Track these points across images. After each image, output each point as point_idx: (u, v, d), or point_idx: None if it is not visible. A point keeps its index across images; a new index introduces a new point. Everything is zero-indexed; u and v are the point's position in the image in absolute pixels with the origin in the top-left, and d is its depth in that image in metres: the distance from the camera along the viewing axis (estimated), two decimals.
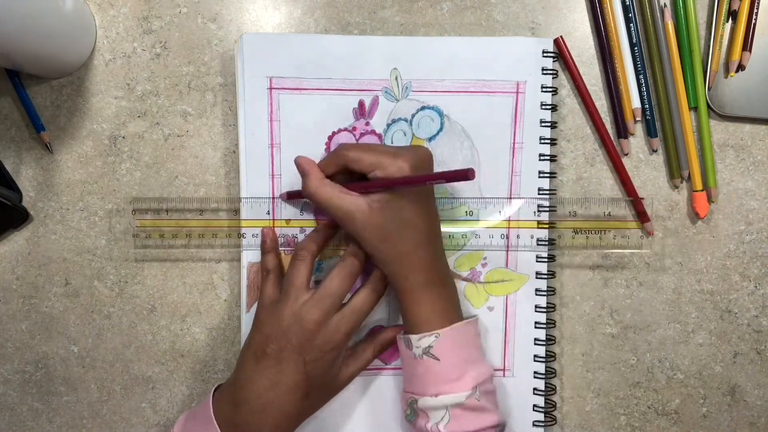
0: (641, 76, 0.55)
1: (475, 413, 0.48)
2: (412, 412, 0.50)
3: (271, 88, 0.54)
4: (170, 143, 0.56)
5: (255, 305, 0.55)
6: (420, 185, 0.48)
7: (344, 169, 0.49)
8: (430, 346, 0.48)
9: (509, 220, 0.55)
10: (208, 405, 0.49)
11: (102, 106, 0.56)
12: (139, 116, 0.56)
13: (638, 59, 0.55)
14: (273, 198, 0.55)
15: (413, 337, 0.49)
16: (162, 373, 0.58)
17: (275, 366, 0.48)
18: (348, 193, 0.48)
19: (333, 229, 0.53)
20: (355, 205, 0.47)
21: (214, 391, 0.51)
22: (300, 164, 0.50)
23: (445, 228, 0.54)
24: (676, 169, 0.56)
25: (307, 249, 0.51)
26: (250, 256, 0.55)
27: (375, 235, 0.48)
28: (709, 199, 0.56)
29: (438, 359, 0.48)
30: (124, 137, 0.56)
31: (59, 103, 0.56)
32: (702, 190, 0.56)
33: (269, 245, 0.54)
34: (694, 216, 0.57)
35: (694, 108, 0.56)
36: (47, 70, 0.55)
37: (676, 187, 0.57)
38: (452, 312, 0.50)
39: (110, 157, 0.56)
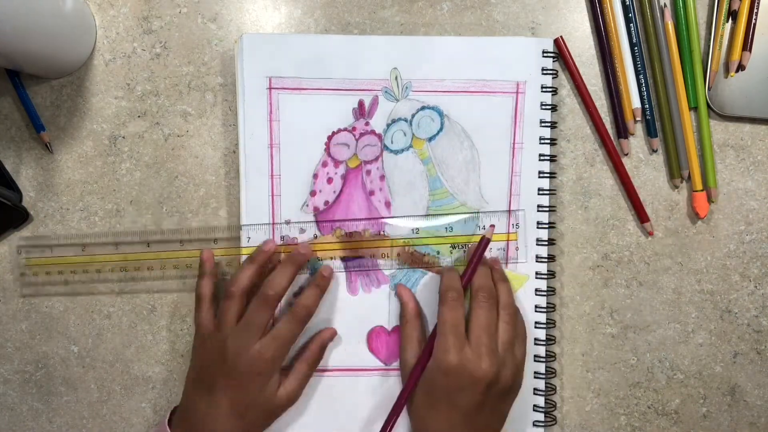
0: (641, 76, 0.55)
1: None
2: None
3: (270, 88, 0.54)
4: (170, 143, 0.56)
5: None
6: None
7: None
8: None
9: (508, 233, 0.55)
10: (164, 428, 0.52)
11: (102, 106, 0.56)
12: (139, 116, 0.56)
13: (638, 59, 0.55)
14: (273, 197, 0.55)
15: None
16: (162, 373, 0.58)
17: (208, 393, 0.51)
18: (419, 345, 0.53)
19: (266, 256, 0.53)
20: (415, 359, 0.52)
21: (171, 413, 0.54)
22: (401, 294, 0.55)
23: (447, 219, 0.55)
24: (676, 169, 0.56)
25: (237, 285, 0.51)
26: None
27: (431, 395, 0.51)
28: (709, 199, 0.56)
29: None
30: (124, 137, 0.56)
31: (59, 103, 0.56)
32: (702, 190, 0.56)
33: (205, 268, 0.54)
34: (694, 216, 0.57)
35: (694, 108, 0.56)
36: (47, 70, 0.55)
37: (676, 187, 0.57)
38: None
39: (110, 157, 0.57)
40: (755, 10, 0.55)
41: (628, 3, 0.55)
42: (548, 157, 0.55)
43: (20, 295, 0.57)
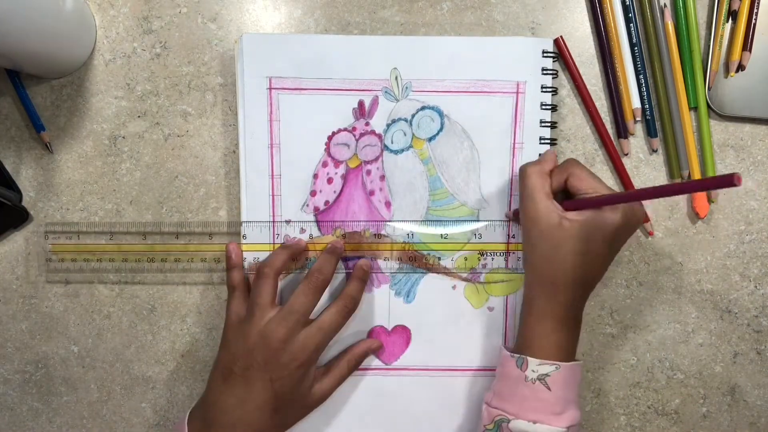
0: (641, 76, 0.55)
1: None
2: (496, 428, 0.49)
3: (270, 88, 0.54)
4: (170, 143, 0.56)
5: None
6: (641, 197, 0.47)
7: (564, 183, 0.50)
8: (547, 374, 0.48)
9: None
10: (183, 426, 0.50)
11: (102, 106, 0.56)
12: (139, 116, 0.56)
13: (638, 59, 0.55)
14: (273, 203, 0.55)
15: (533, 361, 0.48)
16: (162, 373, 0.58)
17: (242, 384, 0.49)
18: (550, 198, 0.49)
19: (299, 247, 0.54)
20: (547, 214, 0.48)
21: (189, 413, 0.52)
22: (547, 152, 0.52)
23: (445, 228, 0.55)
24: (676, 170, 0.56)
25: (271, 266, 0.51)
26: (250, 256, 0.55)
27: (547, 252, 0.48)
28: (709, 200, 0.56)
29: (549, 389, 0.48)
30: (124, 137, 0.56)
31: (59, 103, 0.56)
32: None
33: (234, 261, 0.54)
34: (694, 216, 0.57)
35: (695, 108, 0.56)
36: (47, 70, 0.55)
37: None
38: (573, 350, 0.50)
39: (110, 157, 0.57)
40: (755, 10, 0.55)
41: (628, 3, 0.55)
42: None
43: (45, 280, 0.57)
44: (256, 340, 0.49)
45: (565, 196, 0.51)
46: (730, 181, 0.36)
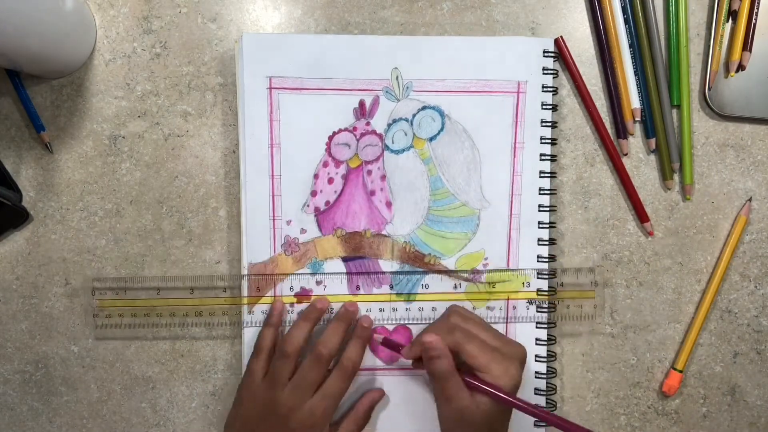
0: (638, 76, 0.56)
1: None
2: None
3: (271, 88, 0.54)
4: (170, 143, 0.56)
5: (256, 306, 0.55)
6: (529, 415, 0.49)
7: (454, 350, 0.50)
8: None
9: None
10: None
11: (102, 106, 0.56)
12: (139, 116, 0.56)
13: (636, 59, 0.55)
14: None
15: None
16: (162, 373, 0.58)
17: None
18: (462, 388, 0.49)
19: (314, 320, 0.54)
20: (466, 404, 0.49)
21: None
22: (435, 345, 0.49)
23: (446, 228, 0.55)
24: (668, 171, 0.56)
25: (293, 346, 0.52)
26: (250, 257, 0.55)
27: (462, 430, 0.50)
28: (685, 197, 0.56)
29: None
30: (124, 137, 0.56)
31: (59, 103, 0.56)
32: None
33: (275, 319, 0.55)
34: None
35: (677, 106, 0.56)
36: (47, 70, 0.54)
37: (669, 189, 0.57)
38: None
39: (110, 157, 0.56)
40: (755, 10, 0.55)
41: (624, 4, 0.55)
42: (549, 157, 0.55)
43: (93, 337, 0.57)
44: (270, 409, 0.51)
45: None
46: None
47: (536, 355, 0.56)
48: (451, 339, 0.50)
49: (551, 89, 0.55)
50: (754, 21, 0.55)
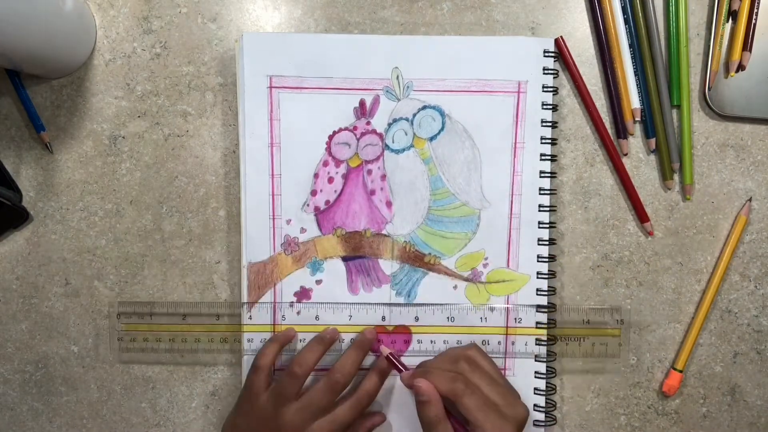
0: (638, 76, 0.56)
1: None
2: None
3: (271, 87, 0.54)
4: (170, 143, 0.56)
5: (255, 307, 0.55)
6: None
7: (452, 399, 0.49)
8: None
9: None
10: None
11: (102, 106, 0.56)
12: (139, 116, 0.56)
13: (637, 59, 0.55)
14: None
15: None
16: (162, 373, 0.58)
17: None
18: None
19: (327, 345, 0.54)
20: None
21: None
22: (424, 391, 0.49)
23: (446, 228, 0.55)
24: (668, 171, 0.56)
25: (303, 368, 0.52)
26: (250, 256, 0.55)
27: None
28: (685, 197, 0.56)
29: None
30: (124, 137, 0.56)
31: (59, 103, 0.56)
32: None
33: (281, 337, 0.55)
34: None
35: (682, 107, 0.56)
36: (47, 70, 0.54)
37: (669, 189, 0.57)
38: None
39: (110, 157, 0.56)
40: (755, 10, 0.55)
41: (624, 4, 0.55)
42: (549, 157, 0.55)
43: (119, 361, 0.58)
44: (272, 427, 0.51)
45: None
46: None
47: (536, 355, 0.56)
48: (450, 387, 0.48)
49: (551, 89, 0.55)
50: (754, 21, 0.55)
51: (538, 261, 0.56)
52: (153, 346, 0.57)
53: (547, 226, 0.56)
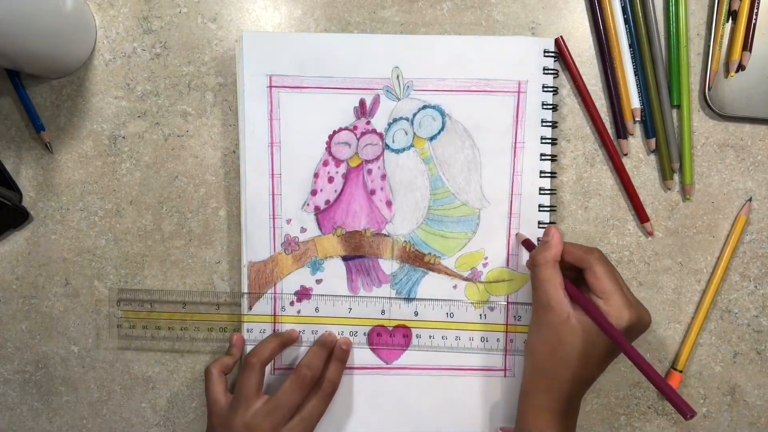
0: (638, 76, 0.56)
1: None
2: None
3: (271, 87, 0.54)
4: (170, 143, 0.56)
5: (256, 305, 0.55)
6: (626, 353, 0.45)
7: (578, 267, 0.49)
8: None
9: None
10: None
11: (102, 106, 0.56)
12: (139, 116, 0.56)
13: (636, 59, 0.55)
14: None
15: None
16: (162, 373, 0.58)
17: None
18: (562, 289, 0.48)
19: (290, 338, 0.55)
20: (559, 306, 0.47)
21: None
22: (553, 234, 0.49)
23: (446, 227, 0.55)
24: (668, 171, 0.56)
25: (258, 356, 0.52)
26: (250, 255, 0.55)
27: (553, 343, 0.48)
28: (685, 197, 0.56)
29: None
30: (124, 137, 0.56)
31: (59, 103, 0.56)
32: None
33: (234, 351, 0.55)
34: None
35: (682, 107, 0.56)
36: (47, 70, 0.55)
37: (669, 189, 0.57)
38: None
39: (110, 157, 0.56)
40: (755, 10, 0.55)
41: (624, 4, 0.55)
42: (549, 157, 0.55)
43: (116, 347, 0.58)
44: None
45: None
46: (683, 411, 0.40)
47: None
48: (584, 253, 0.48)
49: (551, 89, 0.55)
50: (754, 21, 0.55)
51: None
52: (152, 334, 0.57)
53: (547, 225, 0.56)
